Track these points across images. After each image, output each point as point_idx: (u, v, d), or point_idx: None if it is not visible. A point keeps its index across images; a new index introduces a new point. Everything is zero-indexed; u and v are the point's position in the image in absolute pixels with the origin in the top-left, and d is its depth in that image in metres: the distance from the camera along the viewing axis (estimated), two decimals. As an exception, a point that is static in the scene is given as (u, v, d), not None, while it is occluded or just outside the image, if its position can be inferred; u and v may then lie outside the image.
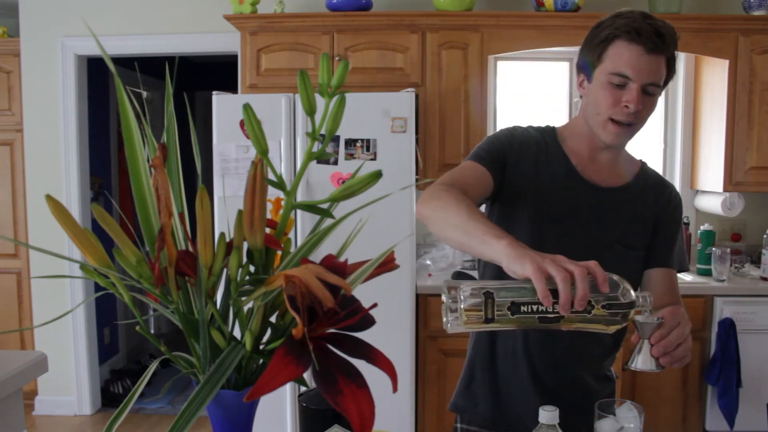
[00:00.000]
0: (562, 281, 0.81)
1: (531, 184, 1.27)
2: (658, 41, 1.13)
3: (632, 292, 0.86)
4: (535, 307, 0.83)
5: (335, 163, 2.60)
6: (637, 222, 1.29)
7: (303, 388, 0.90)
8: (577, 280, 0.81)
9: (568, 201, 1.26)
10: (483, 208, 1.35)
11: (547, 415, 0.90)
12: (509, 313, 0.83)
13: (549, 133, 1.34)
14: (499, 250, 0.91)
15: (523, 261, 0.85)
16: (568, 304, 0.81)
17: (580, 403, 1.20)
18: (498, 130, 1.37)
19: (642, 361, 0.98)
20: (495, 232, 0.95)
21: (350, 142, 2.60)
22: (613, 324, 0.85)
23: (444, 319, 0.85)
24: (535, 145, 1.31)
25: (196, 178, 0.75)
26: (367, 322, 0.70)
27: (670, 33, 1.15)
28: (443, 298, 0.85)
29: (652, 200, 1.31)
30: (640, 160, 1.38)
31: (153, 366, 0.72)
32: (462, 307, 0.83)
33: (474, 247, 1.00)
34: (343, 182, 0.79)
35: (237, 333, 0.73)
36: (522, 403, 1.29)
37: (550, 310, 0.82)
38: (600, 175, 1.29)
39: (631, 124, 1.19)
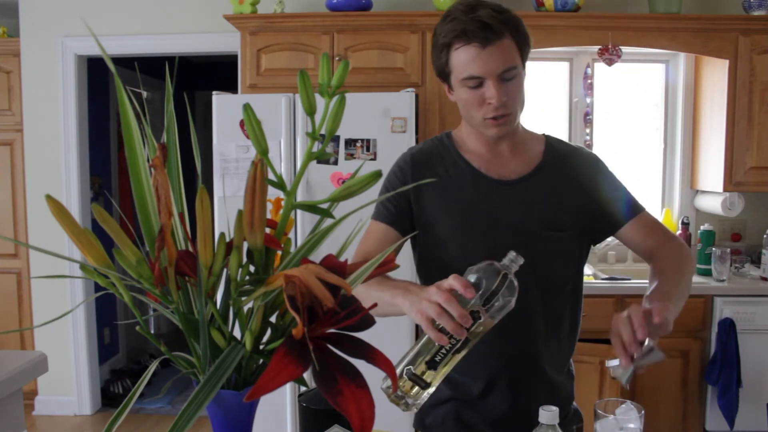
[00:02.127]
0: (438, 317, 0.88)
1: (443, 202, 1.25)
2: (489, 33, 1.10)
3: (497, 266, 0.91)
4: (444, 350, 0.89)
5: (335, 163, 2.60)
6: (560, 201, 1.25)
7: (303, 388, 0.90)
8: (446, 307, 0.88)
9: (482, 204, 1.24)
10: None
11: (547, 414, 0.90)
12: (433, 370, 0.89)
13: (444, 141, 1.32)
14: (402, 307, 1.01)
15: (412, 312, 0.94)
16: (458, 331, 0.87)
17: (546, 401, 1.18)
18: (391, 167, 1.34)
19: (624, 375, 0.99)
20: (391, 291, 1.05)
21: (350, 142, 2.60)
22: (510, 300, 0.90)
23: (403, 409, 0.91)
24: (431, 162, 1.29)
25: (196, 178, 0.75)
26: (367, 322, 0.70)
27: (498, 18, 1.11)
28: (386, 395, 0.90)
29: (569, 171, 1.28)
30: (543, 135, 1.34)
31: (153, 366, 0.72)
32: (403, 393, 0.90)
33: (390, 312, 1.06)
34: (343, 182, 0.80)
35: (237, 333, 0.73)
36: (492, 410, 1.25)
37: (454, 341, 0.88)
38: (506, 168, 1.26)
39: (507, 114, 1.18)
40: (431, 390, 0.90)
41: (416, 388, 0.90)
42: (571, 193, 1.26)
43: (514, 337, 1.22)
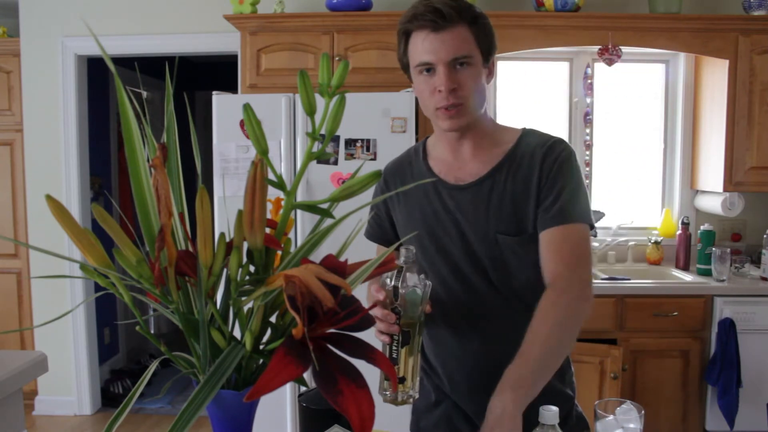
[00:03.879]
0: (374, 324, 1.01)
1: (409, 211, 1.27)
2: (437, 17, 1.10)
3: (395, 264, 1.00)
4: (394, 347, 1.04)
5: (335, 163, 2.60)
6: (517, 203, 1.17)
7: (303, 388, 0.90)
8: (373, 313, 1.00)
9: (440, 211, 1.22)
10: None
11: (547, 414, 0.90)
12: (396, 365, 1.03)
13: (418, 149, 1.33)
14: None
15: None
16: (389, 328, 1.01)
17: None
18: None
19: None
20: None
21: (350, 142, 2.60)
22: (413, 287, 1.03)
23: (399, 403, 1.06)
24: (401, 174, 1.31)
25: (196, 178, 0.75)
26: (367, 322, 0.70)
27: (450, 5, 1.11)
28: (383, 398, 1.04)
29: (532, 169, 1.18)
30: (521, 129, 1.26)
31: (153, 366, 0.72)
32: (389, 391, 1.05)
33: None
34: (343, 182, 0.80)
35: (237, 333, 0.73)
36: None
37: (396, 336, 1.03)
38: (464, 171, 1.23)
39: (458, 105, 1.14)
40: (408, 381, 1.04)
41: (397, 385, 1.04)
42: (527, 192, 1.17)
43: (485, 340, 1.22)
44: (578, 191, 1.17)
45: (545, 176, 1.17)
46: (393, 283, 1.03)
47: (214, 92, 2.68)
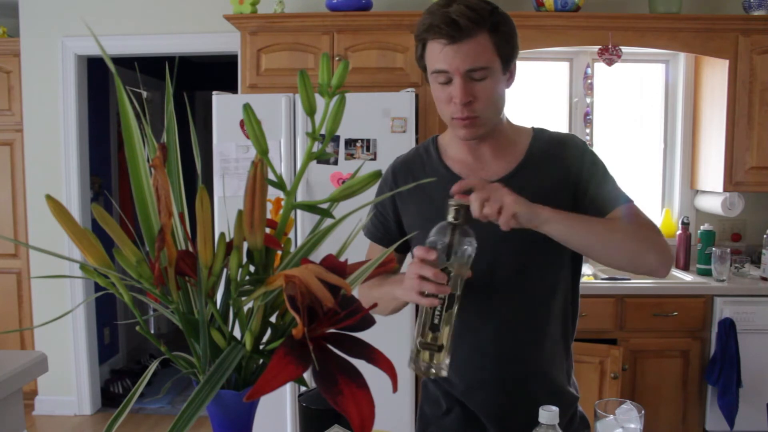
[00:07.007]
0: (419, 285, 0.99)
1: (425, 210, 1.23)
2: (454, 30, 1.07)
3: (445, 222, 1.01)
4: (438, 310, 1.00)
5: (335, 163, 2.60)
6: (545, 198, 1.14)
7: (303, 388, 0.90)
8: (422, 273, 0.99)
9: None
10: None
11: (547, 414, 0.90)
12: (437, 332, 1.00)
13: (429, 148, 1.30)
14: (398, 295, 1.08)
15: (404, 293, 1.04)
16: (440, 288, 0.97)
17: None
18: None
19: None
20: (388, 287, 1.15)
21: (350, 142, 2.60)
22: (468, 246, 1.01)
23: (433, 376, 1.02)
24: (413, 172, 1.28)
25: (196, 178, 0.75)
26: (367, 322, 0.70)
27: (468, 15, 1.07)
28: (416, 371, 1.02)
29: (555, 163, 1.21)
30: (532, 128, 1.28)
31: (153, 366, 0.72)
32: (426, 362, 1.00)
33: (395, 306, 1.18)
34: (343, 182, 0.80)
35: (237, 333, 0.73)
36: (490, 412, 1.23)
37: (443, 299, 0.99)
38: (488, 171, 1.22)
39: (474, 117, 1.14)
40: (445, 350, 1.00)
41: (434, 354, 1.00)
42: (558, 187, 1.19)
43: (505, 346, 1.21)
44: (611, 176, 1.23)
45: (579, 170, 1.20)
46: (447, 240, 0.99)
47: (214, 92, 2.68)
